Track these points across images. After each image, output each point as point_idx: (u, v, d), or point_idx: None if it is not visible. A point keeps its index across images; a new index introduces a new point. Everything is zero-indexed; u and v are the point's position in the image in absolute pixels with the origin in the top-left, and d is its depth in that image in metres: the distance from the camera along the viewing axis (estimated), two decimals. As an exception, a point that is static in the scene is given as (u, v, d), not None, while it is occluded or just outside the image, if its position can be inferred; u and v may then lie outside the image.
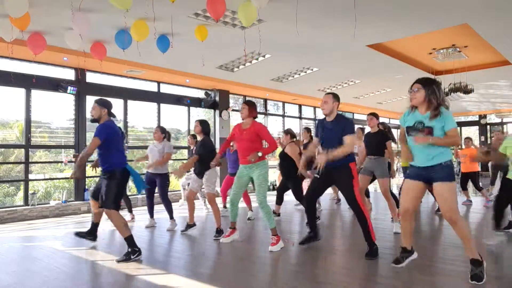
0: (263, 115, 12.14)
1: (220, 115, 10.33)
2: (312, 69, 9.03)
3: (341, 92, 11.13)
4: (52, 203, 7.40)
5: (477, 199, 8.09)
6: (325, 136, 4.11)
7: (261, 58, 7.93)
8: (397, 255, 3.48)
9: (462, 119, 18.04)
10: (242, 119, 4.63)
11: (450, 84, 9.54)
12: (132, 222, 6.34)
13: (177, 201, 8.49)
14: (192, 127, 5.63)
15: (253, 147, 4.42)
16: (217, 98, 10.28)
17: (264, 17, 5.51)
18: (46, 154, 9.19)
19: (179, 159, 10.26)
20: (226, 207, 6.77)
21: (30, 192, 7.33)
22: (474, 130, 17.68)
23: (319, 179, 4.16)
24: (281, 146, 6.56)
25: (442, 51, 8.26)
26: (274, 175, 11.35)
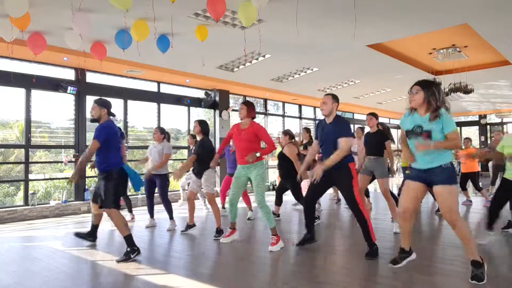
0: (263, 115, 12.14)
1: (220, 115, 10.32)
2: (312, 69, 9.02)
3: (341, 92, 11.13)
4: (52, 203, 7.40)
5: (477, 199, 8.08)
6: (324, 139, 4.12)
7: (261, 58, 7.93)
8: (395, 255, 3.49)
9: (462, 119, 18.04)
10: (241, 119, 4.64)
11: (450, 84, 9.54)
12: (132, 222, 6.34)
13: (176, 201, 8.50)
14: (192, 127, 5.63)
15: (251, 148, 4.43)
16: (217, 98, 10.28)
17: (264, 17, 5.51)
18: (46, 154, 9.20)
19: (179, 159, 10.26)
20: (225, 208, 6.77)
21: (30, 192, 7.33)
22: (474, 130, 17.68)
23: (319, 181, 4.16)
24: (280, 145, 6.58)
25: (442, 51, 8.26)
26: (274, 175, 11.34)
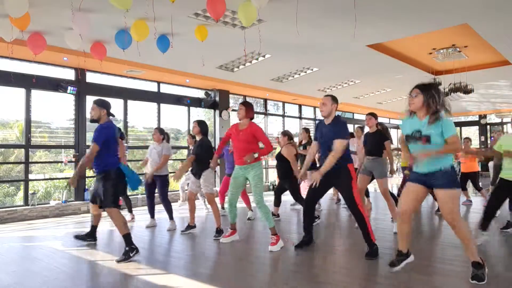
0: (263, 115, 12.14)
1: (220, 115, 10.33)
2: (312, 69, 9.02)
3: (341, 92, 11.13)
4: (52, 203, 7.40)
5: (477, 199, 8.08)
6: (323, 141, 4.13)
7: (261, 58, 7.93)
8: (393, 257, 3.49)
9: (462, 119, 18.03)
10: (239, 120, 4.65)
11: (450, 84, 9.54)
12: (132, 222, 6.34)
13: (177, 201, 8.49)
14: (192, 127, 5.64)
15: (249, 148, 4.44)
16: (217, 98, 10.29)
17: (264, 17, 5.51)
18: (46, 154, 9.20)
19: (179, 159, 10.27)
20: (224, 208, 6.77)
21: (30, 192, 7.34)
22: (474, 130, 17.67)
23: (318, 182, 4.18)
24: (279, 145, 6.59)
25: (442, 51, 8.26)
26: (274, 175, 11.34)
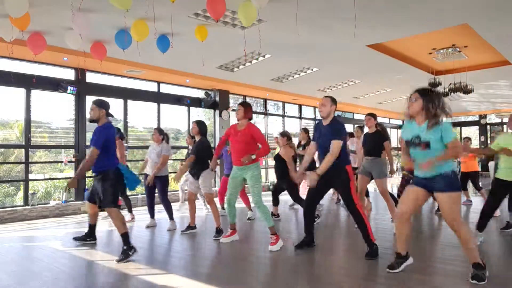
0: (263, 115, 12.15)
1: (220, 115, 10.32)
2: (312, 69, 9.02)
3: (341, 92, 11.13)
4: (52, 203, 7.40)
5: (477, 199, 8.08)
6: (321, 142, 4.13)
7: (261, 58, 7.93)
8: (392, 260, 3.49)
9: (462, 119, 18.03)
10: (237, 120, 4.66)
11: (450, 84, 9.54)
12: (132, 222, 6.35)
13: (177, 201, 8.49)
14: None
15: (247, 149, 4.45)
16: (217, 98, 10.28)
17: (264, 17, 5.51)
18: (46, 154, 9.20)
19: (179, 159, 10.26)
20: (224, 209, 6.78)
21: (30, 192, 7.34)
22: (474, 130, 17.67)
23: (317, 184, 4.18)
24: (279, 146, 6.61)
25: (442, 51, 8.26)
26: (274, 175, 11.32)
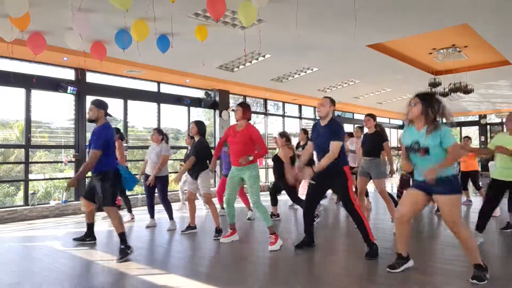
0: (263, 115, 12.15)
1: (220, 115, 10.32)
2: (312, 69, 9.02)
3: (341, 92, 11.13)
4: (52, 203, 7.40)
5: (477, 199, 8.08)
6: (318, 142, 4.14)
7: (261, 58, 7.93)
8: (393, 260, 3.49)
9: (462, 119, 18.03)
10: (236, 121, 4.67)
11: (450, 84, 9.54)
12: (132, 222, 6.35)
13: (177, 201, 8.48)
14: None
15: (245, 150, 4.46)
16: (217, 98, 10.28)
17: (264, 17, 5.51)
18: (46, 154, 9.19)
19: (178, 159, 10.25)
20: (223, 208, 6.78)
21: (30, 192, 7.34)
22: (474, 130, 17.67)
23: (314, 185, 4.21)
24: (277, 146, 6.63)
25: (442, 51, 8.26)
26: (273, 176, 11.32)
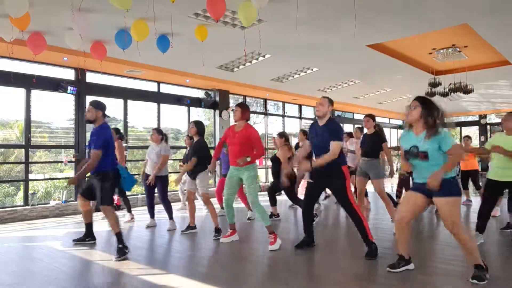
0: (263, 115, 12.15)
1: (220, 115, 10.33)
2: (312, 69, 9.02)
3: (341, 92, 11.13)
4: (52, 203, 7.40)
5: (477, 199, 8.07)
6: (316, 141, 4.13)
7: (261, 58, 7.93)
8: (394, 260, 3.49)
9: (462, 119, 18.04)
10: (235, 121, 4.67)
11: (450, 84, 9.54)
12: (132, 222, 6.34)
13: (177, 201, 8.49)
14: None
15: (244, 150, 4.46)
16: (217, 98, 10.29)
17: (264, 17, 5.51)
18: (46, 154, 9.19)
19: (178, 158, 10.26)
20: (223, 208, 6.78)
21: (30, 192, 7.34)
22: (474, 130, 17.68)
23: (313, 184, 4.22)
24: (275, 146, 6.65)
25: (442, 51, 8.26)
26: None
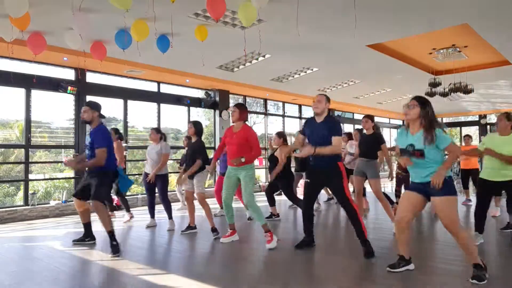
0: (263, 115, 12.15)
1: (220, 115, 10.33)
2: (312, 69, 9.02)
3: (341, 92, 11.13)
4: (52, 203, 7.40)
5: (477, 199, 8.07)
6: (313, 138, 4.12)
7: (261, 58, 7.93)
8: (394, 260, 3.49)
9: (462, 119, 18.04)
10: (233, 122, 4.68)
11: (450, 84, 9.53)
12: (131, 221, 6.34)
13: (177, 201, 8.49)
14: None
15: (242, 150, 4.47)
16: (217, 98, 10.29)
17: (264, 17, 5.51)
18: (46, 154, 9.20)
19: (178, 159, 10.25)
20: (222, 208, 6.79)
21: (30, 192, 7.34)
22: (474, 130, 17.68)
23: (311, 183, 4.22)
24: (270, 148, 6.67)
25: (442, 51, 8.26)
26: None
